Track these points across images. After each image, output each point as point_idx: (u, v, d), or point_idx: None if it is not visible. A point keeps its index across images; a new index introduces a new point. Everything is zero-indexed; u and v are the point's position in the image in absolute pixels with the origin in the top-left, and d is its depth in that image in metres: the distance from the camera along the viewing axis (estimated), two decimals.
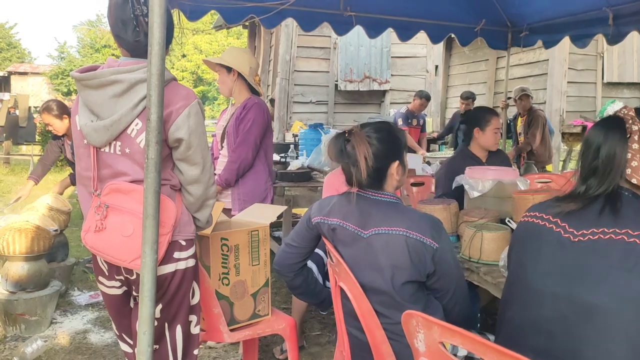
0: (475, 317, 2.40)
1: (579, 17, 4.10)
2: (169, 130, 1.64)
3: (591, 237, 1.27)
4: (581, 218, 1.31)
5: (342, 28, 4.26)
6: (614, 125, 1.34)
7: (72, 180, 4.39)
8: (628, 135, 1.31)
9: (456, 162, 3.29)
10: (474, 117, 3.38)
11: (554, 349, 1.26)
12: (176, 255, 1.73)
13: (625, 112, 1.36)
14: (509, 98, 6.07)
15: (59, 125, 4.20)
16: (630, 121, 1.33)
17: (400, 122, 6.60)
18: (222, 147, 3.21)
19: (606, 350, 1.18)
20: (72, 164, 4.47)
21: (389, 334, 1.69)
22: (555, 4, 4.20)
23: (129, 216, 1.64)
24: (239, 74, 3.08)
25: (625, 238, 1.22)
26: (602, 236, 1.25)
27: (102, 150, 1.71)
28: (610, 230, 1.24)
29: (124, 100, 1.65)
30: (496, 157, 3.33)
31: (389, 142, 1.78)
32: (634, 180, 1.30)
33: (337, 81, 9.18)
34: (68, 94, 25.43)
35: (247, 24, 10.37)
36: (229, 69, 3.07)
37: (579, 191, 1.36)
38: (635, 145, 1.30)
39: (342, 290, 1.84)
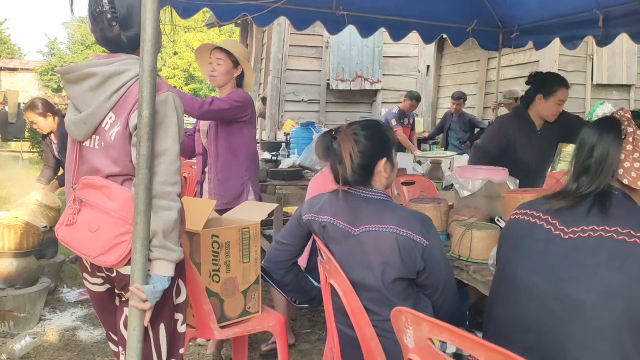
0: (464, 315, 2.42)
1: (569, 19, 4.12)
2: (129, 119, 1.62)
3: (581, 234, 1.29)
4: (571, 215, 1.33)
5: (334, 27, 4.26)
6: (609, 126, 1.36)
7: (61, 182, 4.38)
8: (623, 137, 1.33)
9: (511, 123, 3.17)
10: (540, 81, 3.14)
11: (542, 345, 1.27)
12: None
13: (622, 113, 1.39)
14: (500, 103, 6.12)
15: (43, 124, 4.19)
16: (626, 123, 1.35)
17: (394, 122, 6.67)
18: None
19: (592, 347, 1.20)
20: (59, 162, 4.45)
21: (379, 331, 1.70)
22: (545, 5, 4.22)
23: (98, 212, 1.64)
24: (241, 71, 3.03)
25: (615, 236, 1.23)
26: (591, 233, 1.27)
27: (84, 144, 1.73)
28: (600, 228, 1.26)
29: (99, 93, 1.65)
30: (550, 128, 3.09)
31: (376, 140, 1.80)
32: (625, 181, 1.32)
33: (329, 80, 9.18)
34: (58, 90, 25.23)
35: (239, 22, 10.35)
36: (235, 63, 3.01)
37: (570, 189, 1.38)
38: (629, 147, 1.32)
39: (332, 287, 1.85)
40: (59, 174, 4.52)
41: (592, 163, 1.34)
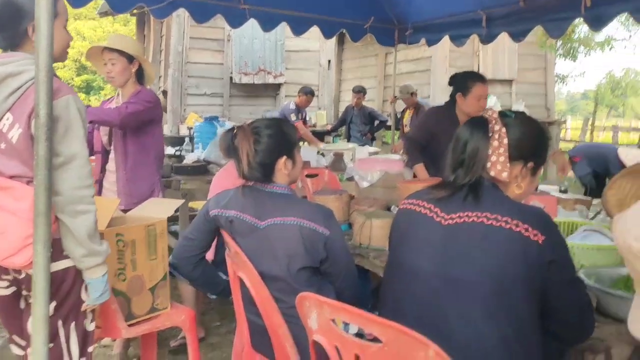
0: (367, 298, 2.57)
1: (457, 18, 4.43)
2: (30, 123, 1.59)
3: (458, 220, 1.46)
4: (450, 204, 1.50)
5: (235, 20, 4.26)
6: (479, 124, 1.54)
7: None
8: (490, 134, 1.51)
9: (436, 116, 3.26)
10: (457, 81, 3.26)
11: (428, 316, 1.44)
12: (66, 252, 1.69)
13: (490, 113, 1.57)
14: (396, 97, 6.44)
15: None
16: (493, 122, 1.53)
17: (293, 117, 6.78)
18: (109, 142, 3.09)
19: (467, 316, 1.38)
20: None
21: (286, 317, 1.79)
22: (435, 5, 4.52)
23: (4, 213, 1.60)
24: (139, 64, 2.96)
25: (485, 221, 1.41)
26: (466, 219, 1.44)
27: None
28: (473, 214, 1.44)
29: None
30: None
31: (277, 139, 1.88)
32: (492, 173, 1.50)
33: (231, 74, 9.13)
34: None
35: (136, 11, 9.98)
36: (130, 58, 2.93)
37: (449, 180, 1.55)
38: (495, 143, 1.51)
39: (240, 279, 1.91)
40: None
41: (465, 157, 1.51)
